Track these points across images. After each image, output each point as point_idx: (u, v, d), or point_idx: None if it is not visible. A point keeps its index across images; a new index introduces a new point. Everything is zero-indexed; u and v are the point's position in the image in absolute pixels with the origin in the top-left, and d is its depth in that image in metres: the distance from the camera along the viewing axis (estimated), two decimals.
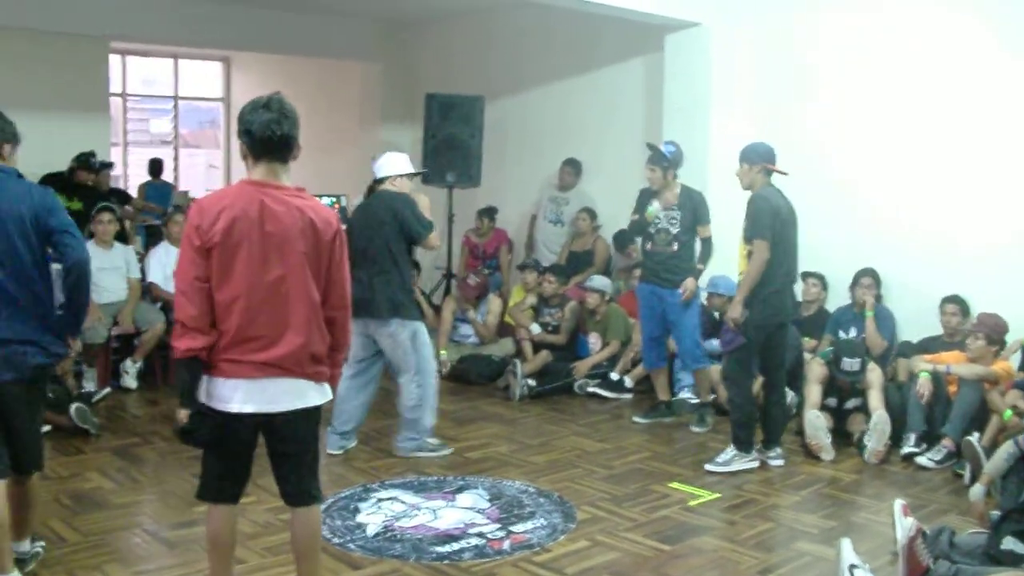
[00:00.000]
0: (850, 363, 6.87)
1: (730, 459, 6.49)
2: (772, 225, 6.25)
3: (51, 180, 8.85)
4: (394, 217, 6.40)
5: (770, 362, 6.62)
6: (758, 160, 6.45)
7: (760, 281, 6.28)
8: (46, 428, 5.80)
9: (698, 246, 7.37)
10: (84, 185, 9.50)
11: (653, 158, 7.34)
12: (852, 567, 4.44)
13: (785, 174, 6.50)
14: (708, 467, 6.48)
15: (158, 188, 12.36)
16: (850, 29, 8.17)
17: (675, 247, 7.32)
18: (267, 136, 3.67)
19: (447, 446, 6.74)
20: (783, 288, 6.44)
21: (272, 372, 3.67)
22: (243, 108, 3.73)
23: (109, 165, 10.69)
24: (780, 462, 6.58)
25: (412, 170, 6.84)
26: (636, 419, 7.67)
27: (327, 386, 3.89)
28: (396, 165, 6.73)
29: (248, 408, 3.68)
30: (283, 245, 3.65)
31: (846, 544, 4.63)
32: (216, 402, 3.68)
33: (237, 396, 3.66)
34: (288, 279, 3.66)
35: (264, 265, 3.63)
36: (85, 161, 9.49)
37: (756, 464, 6.50)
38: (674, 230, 7.30)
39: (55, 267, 4.26)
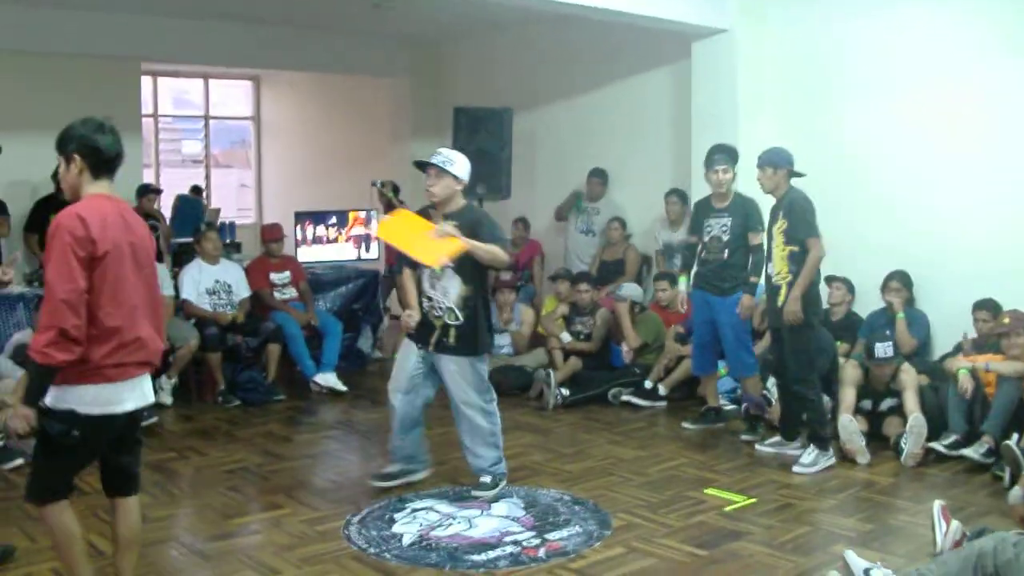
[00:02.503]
0: (882, 348, 6.85)
1: (814, 459, 6.53)
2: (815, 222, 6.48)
3: (48, 202, 8.98)
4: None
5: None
6: (783, 164, 6.58)
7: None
8: None
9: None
10: None
11: (724, 157, 7.19)
12: (866, 571, 4.42)
13: (803, 175, 6.65)
14: (795, 469, 6.50)
15: (191, 203, 12.44)
16: (877, 34, 8.15)
17: (726, 254, 7.25)
18: (114, 155, 3.93)
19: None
20: (815, 288, 6.64)
21: (146, 369, 3.98)
22: (77, 128, 3.91)
23: (154, 190, 10.82)
24: (799, 453, 6.67)
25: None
26: (685, 425, 7.65)
27: None
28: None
29: (130, 406, 3.90)
30: (142, 253, 3.96)
31: (850, 555, 4.64)
32: (104, 406, 3.80)
33: (126, 397, 3.87)
34: (151, 284, 4.03)
35: (138, 272, 3.90)
36: None
37: (834, 461, 6.56)
38: (725, 237, 7.22)
39: None
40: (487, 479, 5.94)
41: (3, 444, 6.47)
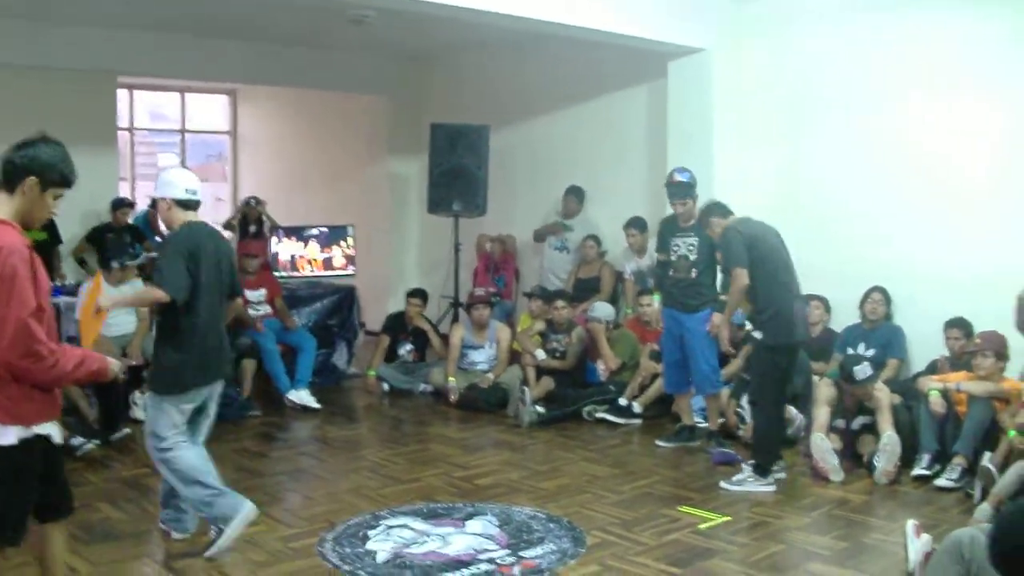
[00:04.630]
0: (861, 370, 6.89)
1: (744, 479, 6.52)
2: (747, 253, 6.51)
3: None
4: (230, 262, 5.56)
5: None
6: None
7: (758, 307, 6.55)
8: None
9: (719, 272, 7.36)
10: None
11: (679, 191, 7.34)
12: None
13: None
14: (723, 484, 6.52)
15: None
16: (853, 53, 8.22)
17: (694, 273, 7.34)
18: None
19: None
20: (782, 310, 6.50)
21: None
22: (44, 152, 3.69)
23: (128, 204, 10.76)
24: (782, 475, 6.64)
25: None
26: (659, 443, 7.65)
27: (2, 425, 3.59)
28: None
29: None
30: None
31: None
32: None
33: None
34: None
35: None
36: None
37: (772, 488, 6.48)
38: (692, 256, 7.33)
39: None
40: (212, 532, 5.22)
41: None
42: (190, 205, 5.26)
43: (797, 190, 8.42)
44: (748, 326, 6.92)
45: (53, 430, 3.76)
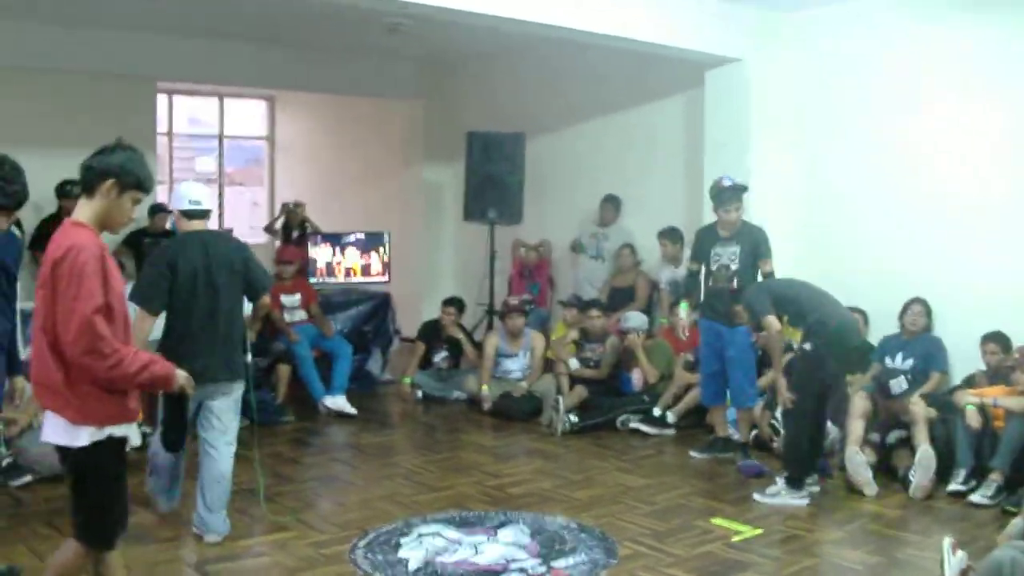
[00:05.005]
0: (897, 384, 6.85)
1: (777, 491, 6.50)
2: (769, 300, 6.69)
3: (53, 220, 8.96)
4: (245, 264, 5.76)
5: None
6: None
7: (804, 323, 6.62)
8: None
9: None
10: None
11: (732, 195, 7.24)
12: None
13: None
14: (756, 496, 6.51)
15: None
16: (890, 57, 8.17)
17: (735, 283, 7.24)
18: None
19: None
20: (826, 318, 6.54)
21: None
22: (120, 157, 3.76)
23: (166, 209, 10.82)
24: (816, 488, 6.60)
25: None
26: (693, 454, 7.63)
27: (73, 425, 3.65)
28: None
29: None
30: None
31: None
32: None
33: None
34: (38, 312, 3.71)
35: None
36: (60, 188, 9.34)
37: (806, 502, 6.43)
38: (734, 266, 7.24)
39: None
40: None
41: (12, 461, 6.47)
42: (194, 215, 5.65)
43: (833, 199, 8.37)
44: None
45: (130, 432, 3.80)
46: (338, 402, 8.86)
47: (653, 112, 10.19)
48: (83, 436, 3.65)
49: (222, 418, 5.59)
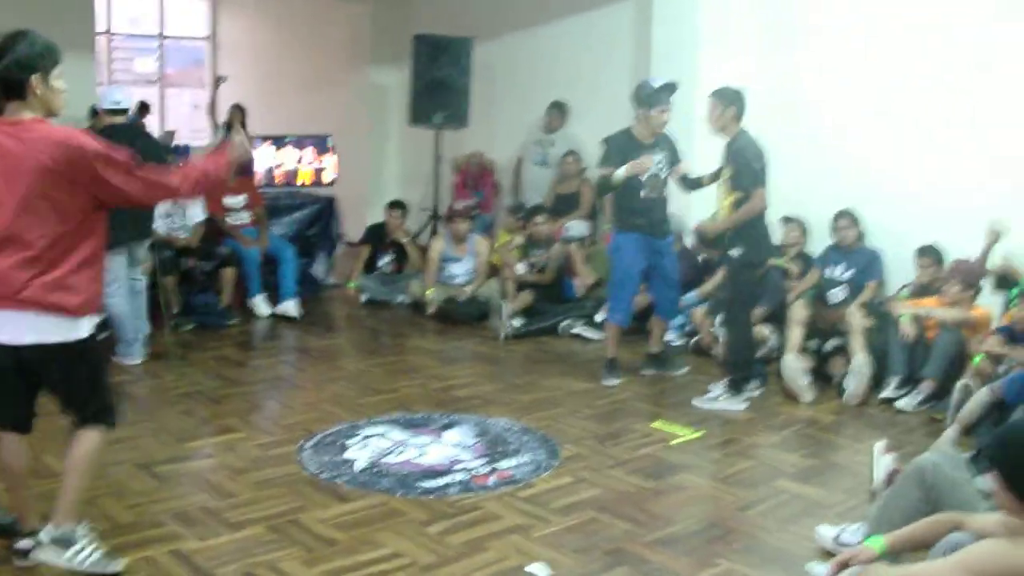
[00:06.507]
0: (834, 294, 6.98)
1: (717, 397, 6.63)
2: (763, 171, 6.41)
3: None
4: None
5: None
6: (733, 104, 6.48)
7: (750, 223, 6.45)
8: None
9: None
10: None
11: (666, 94, 6.83)
12: (836, 538, 4.38)
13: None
14: (695, 402, 6.63)
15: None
16: None
17: (665, 193, 7.07)
18: None
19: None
20: (758, 227, 6.58)
21: (4, 305, 3.74)
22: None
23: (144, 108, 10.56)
24: (756, 393, 6.75)
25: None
26: (644, 373, 7.44)
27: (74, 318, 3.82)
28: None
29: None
30: None
31: (820, 530, 4.53)
32: None
33: None
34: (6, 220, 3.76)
35: None
36: None
37: (744, 407, 6.57)
38: (663, 175, 6.99)
39: None
40: None
41: None
42: (116, 113, 7.21)
43: (780, 108, 8.40)
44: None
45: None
46: (287, 307, 8.82)
47: (602, 17, 10.11)
48: (84, 326, 3.84)
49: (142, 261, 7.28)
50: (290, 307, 8.82)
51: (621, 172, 6.72)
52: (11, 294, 3.68)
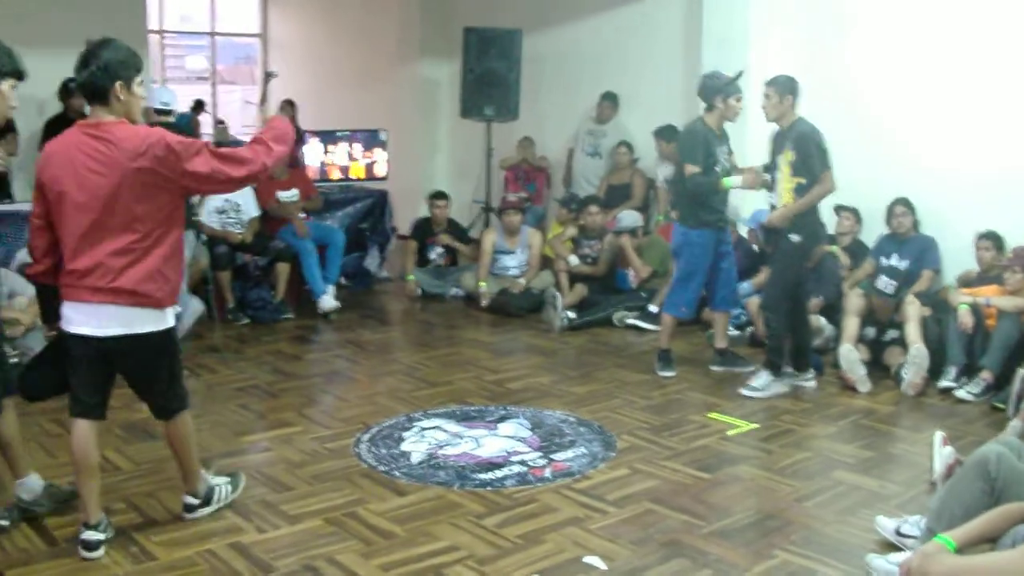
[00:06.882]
0: (884, 283, 6.91)
1: (765, 383, 6.59)
2: (828, 153, 6.40)
3: (58, 121, 8.75)
4: None
5: (802, 287, 6.76)
6: (791, 92, 6.46)
7: (810, 210, 6.46)
8: None
9: None
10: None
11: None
12: (897, 530, 4.34)
13: None
14: (743, 391, 6.60)
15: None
16: None
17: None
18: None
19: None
20: (816, 213, 6.59)
21: (101, 298, 3.91)
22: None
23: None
24: (813, 384, 6.73)
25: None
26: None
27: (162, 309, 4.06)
28: None
29: (86, 331, 3.96)
30: (83, 188, 3.94)
31: (880, 520, 4.48)
32: (66, 325, 4.01)
33: (79, 320, 3.96)
34: (95, 218, 3.93)
35: (80, 207, 3.98)
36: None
37: (787, 389, 6.60)
38: (729, 166, 6.91)
39: None
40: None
41: (17, 360, 6.52)
42: (162, 113, 7.75)
43: (833, 98, 8.32)
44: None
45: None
46: (325, 300, 8.76)
47: (653, 7, 10.07)
48: (169, 317, 4.08)
49: None
50: (326, 301, 8.72)
51: (736, 181, 6.77)
52: (106, 284, 3.86)
